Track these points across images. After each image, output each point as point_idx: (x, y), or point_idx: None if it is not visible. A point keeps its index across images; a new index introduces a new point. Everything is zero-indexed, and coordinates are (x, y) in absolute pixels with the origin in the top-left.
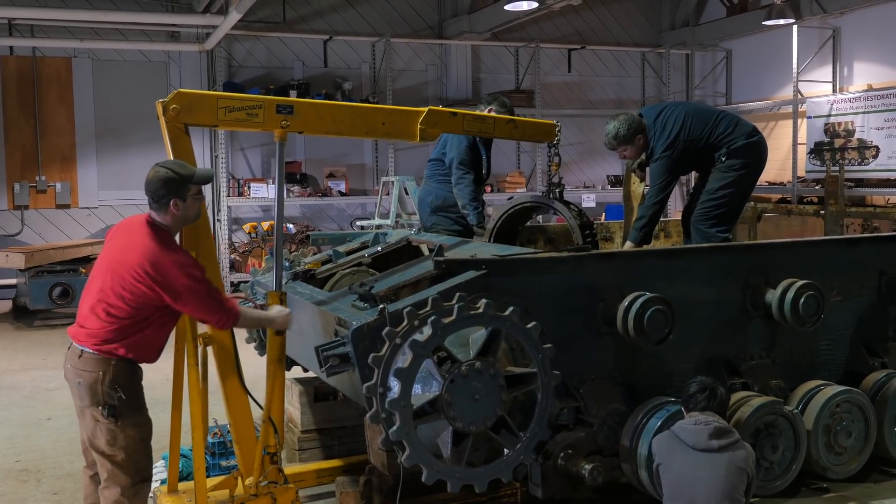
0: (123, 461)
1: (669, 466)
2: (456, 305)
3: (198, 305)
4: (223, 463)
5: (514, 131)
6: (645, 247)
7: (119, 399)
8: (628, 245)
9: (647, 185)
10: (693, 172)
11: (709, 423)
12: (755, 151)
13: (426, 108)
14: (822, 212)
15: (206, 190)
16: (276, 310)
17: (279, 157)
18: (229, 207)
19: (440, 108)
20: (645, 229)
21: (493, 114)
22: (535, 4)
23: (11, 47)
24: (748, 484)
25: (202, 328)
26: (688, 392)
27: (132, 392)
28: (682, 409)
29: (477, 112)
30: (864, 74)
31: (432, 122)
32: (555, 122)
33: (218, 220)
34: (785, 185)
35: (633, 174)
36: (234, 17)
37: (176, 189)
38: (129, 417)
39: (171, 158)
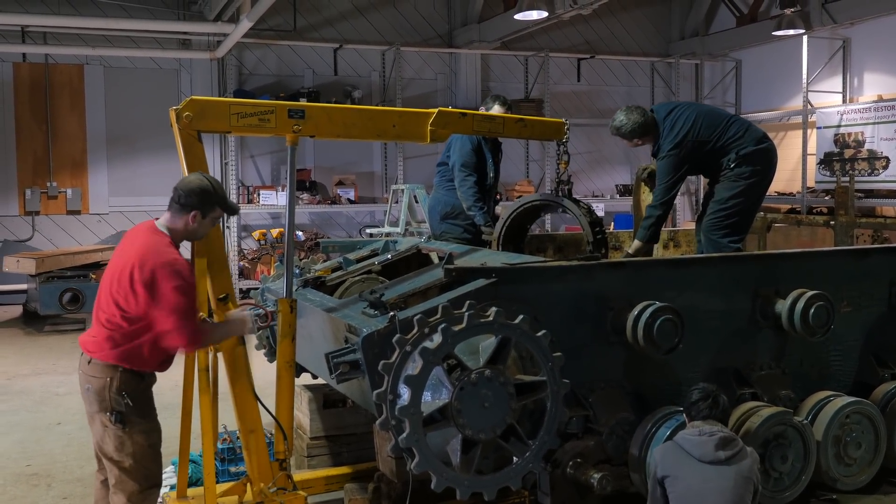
0: (131, 467)
1: (677, 479)
2: (466, 313)
3: (171, 316)
4: (232, 469)
5: (524, 130)
6: (655, 256)
7: (126, 405)
8: (636, 243)
9: None
10: (703, 181)
11: (713, 434)
12: (765, 158)
13: (436, 110)
14: (831, 222)
15: None
16: (233, 318)
17: (291, 161)
18: (239, 214)
19: (450, 108)
20: (653, 228)
21: (494, 112)
22: (545, 14)
23: (24, 54)
24: (754, 492)
25: None
26: (690, 399)
27: (140, 398)
28: (685, 416)
29: (486, 112)
30: (875, 85)
31: (442, 123)
32: (563, 119)
33: (227, 227)
34: (794, 195)
35: (642, 183)
36: (245, 25)
37: (204, 203)
38: (136, 424)
39: (184, 166)
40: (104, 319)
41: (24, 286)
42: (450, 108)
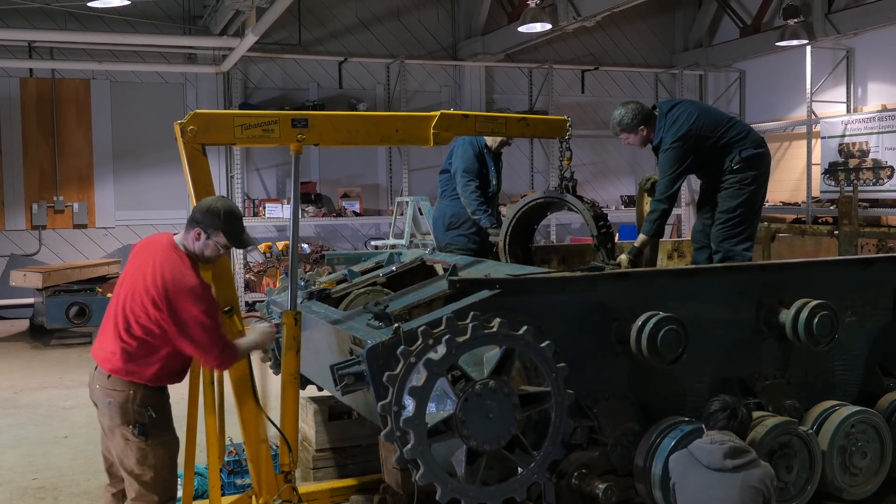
0: (152, 480)
1: (684, 486)
2: (470, 324)
3: (202, 342)
4: (238, 481)
5: (526, 129)
6: (659, 267)
7: (149, 417)
8: (641, 237)
9: None
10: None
11: (724, 443)
12: (764, 163)
13: (438, 113)
14: (835, 232)
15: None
16: (258, 329)
17: (295, 171)
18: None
19: (452, 111)
20: (658, 222)
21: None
22: (549, 26)
23: (31, 69)
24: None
25: None
26: (709, 410)
27: (161, 410)
28: (703, 426)
29: (488, 113)
30: (878, 95)
31: (445, 126)
32: (565, 117)
33: None
34: (799, 205)
35: (645, 194)
36: (251, 39)
37: (207, 223)
38: (157, 436)
39: (189, 179)
40: (120, 334)
41: (30, 300)
42: (452, 111)
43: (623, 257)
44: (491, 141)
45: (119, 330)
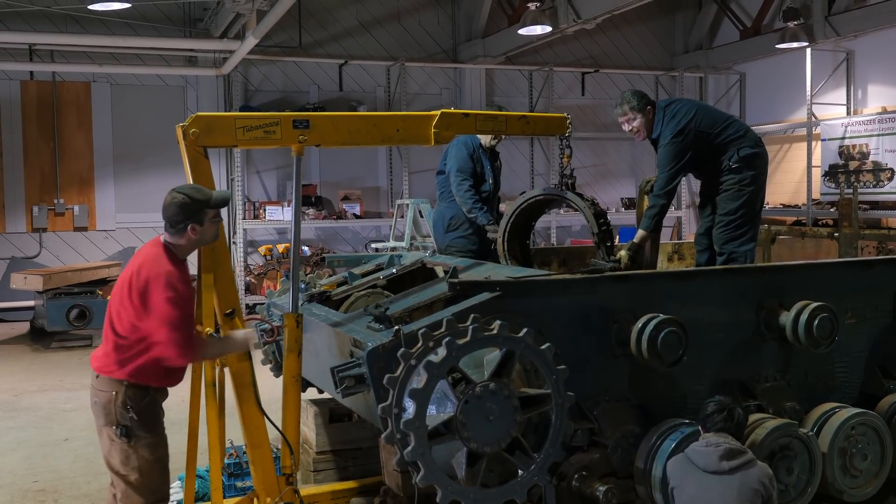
0: (137, 481)
1: (682, 489)
2: (470, 327)
3: (162, 327)
4: (239, 484)
5: (526, 127)
6: (659, 269)
7: (131, 419)
8: (640, 233)
9: None
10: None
11: (719, 445)
12: (762, 162)
13: (439, 112)
14: (835, 234)
15: (222, 213)
16: (236, 333)
17: (296, 172)
18: (245, 230)
19: (452, 110)
20: (656, 218)
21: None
22: (549, 28)
23: (32, 72)
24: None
25: None
26: (705, 411)
27: (146, 413)
28: (700, 428)
29: (488, 111)
30: (878, 97)
31: (445, 125)
32: (565, 115)
33: (233, 242)
34: (800, 207)
35: (645, 196)
36: (251, 41)
37: (193, 214)
38: (142, 438)
39: (191, 182)
40: (108, 334)
41: (31, 303)
42: (452, 110)
43: (623, 253)
44: (485, 139)
45: (108, 329)
